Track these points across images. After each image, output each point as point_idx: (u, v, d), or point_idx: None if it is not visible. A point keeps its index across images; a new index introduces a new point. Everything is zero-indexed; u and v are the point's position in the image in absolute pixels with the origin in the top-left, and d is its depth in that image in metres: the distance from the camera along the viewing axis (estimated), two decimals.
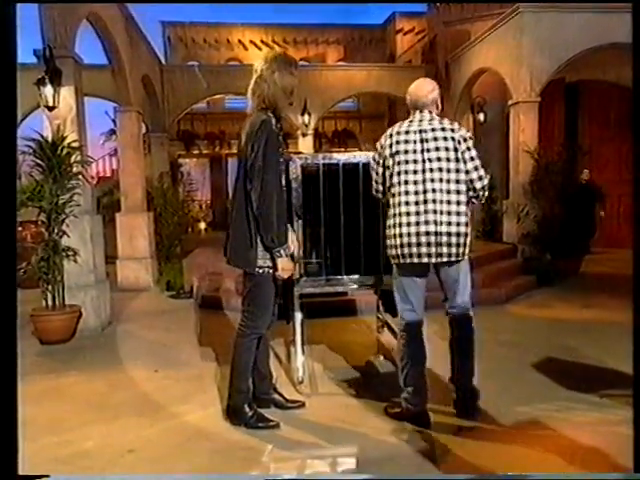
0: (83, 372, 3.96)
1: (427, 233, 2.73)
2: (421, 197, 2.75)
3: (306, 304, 3.57)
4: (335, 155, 3.57)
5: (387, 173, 2.89)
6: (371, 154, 3.39)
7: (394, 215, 2.84)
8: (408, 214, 2.78)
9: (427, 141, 2.79)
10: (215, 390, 3.48)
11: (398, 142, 2.85)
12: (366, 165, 3.42)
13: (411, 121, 2.88)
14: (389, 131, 2.95)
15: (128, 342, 4.84)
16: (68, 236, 4.83)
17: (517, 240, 7.61)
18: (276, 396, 3.17)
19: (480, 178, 2.80)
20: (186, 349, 4.50)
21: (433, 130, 2.81)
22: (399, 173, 2.82)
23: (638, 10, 2.09)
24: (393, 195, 2.84)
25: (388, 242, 2.89)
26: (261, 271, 2.80)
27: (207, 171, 15.36)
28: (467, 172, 2.79)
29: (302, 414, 3.08)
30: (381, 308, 4.46)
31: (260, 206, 2.69)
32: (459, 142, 2.78)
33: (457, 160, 2.77)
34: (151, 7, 10.02)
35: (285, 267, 2.77)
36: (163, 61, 11.82)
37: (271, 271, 2.81)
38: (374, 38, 17.77)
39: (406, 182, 2.80)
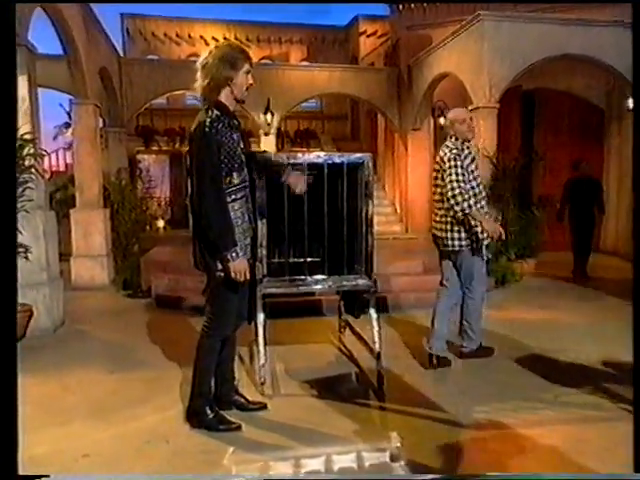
0: (34, 374, 3.77)
1: (431, 229, 4.00)
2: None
3: (269, 304, 3.54)
4: (299, 155, 3.55)
5: None
6: (336, 155, 3.63)
7: None
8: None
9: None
10: (174, 392, 3.40)
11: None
12: (330, 166, 3.42)
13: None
14: None
15: (82, 343, 4.68)
16: (20, 232, 4.61)
17: None
18: (238, 398, 3.12)
19: (448, 199, 3.62)
20: (143, 350, 4.38)
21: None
22: None
23: (638, 10, 2.16)
24: None
25: None
26: (223, 274, 2.70)
27: (166, 168, 15.03)
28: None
29: (264, 415, 3.05)
30: (342, 309, 4.49)
31: (201, 215, 2.63)
32: (439, 165, 3.76)
33: (442, 179, 3.69)
34: None
35: (237, 269, 2.63)
36: (121, 54, 11.49)
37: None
38: (337, 39, 17.85)
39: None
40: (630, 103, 8.81)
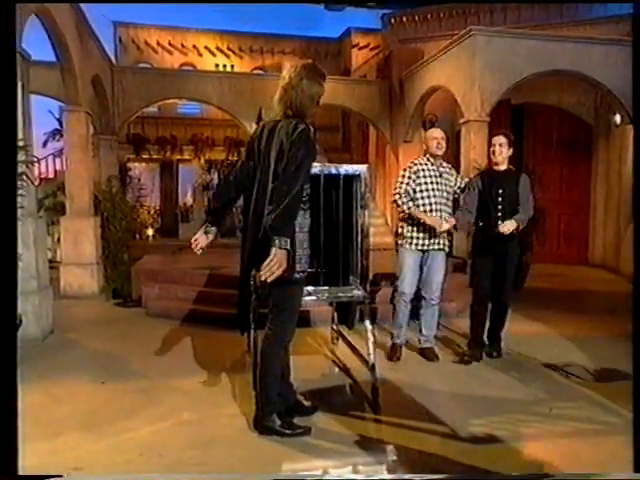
0: (22, 384, 3.64)
1: None
2: None
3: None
4: None
5: None
6: (332, 166, 3.53)
7: None
8: None
9: None
10: (167, 403, 3.36)
11: None
12: (327, 177, 3.42)
13: None
14: None
15: (72, 352, 4.61)
16: None
17: (467, 254, 7.80)
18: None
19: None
20: (134, 360, 4.32)
21: None
22: None
23: (638, 10, 2.20)
24: None
25: None
26: (298, 276, 2.76)
27: (157, 177, 14.98)
28: None
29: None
30: (335, 320, 4.48)
31: (284, 203, 2.57)
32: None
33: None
34: (104, 5, 9.72)
35: (280, 256, 2.53)
36: (113, 62, 11.46)
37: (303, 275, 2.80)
38: (330, 51, 17.97)
39: None
40: (617, 119, 8.95)
